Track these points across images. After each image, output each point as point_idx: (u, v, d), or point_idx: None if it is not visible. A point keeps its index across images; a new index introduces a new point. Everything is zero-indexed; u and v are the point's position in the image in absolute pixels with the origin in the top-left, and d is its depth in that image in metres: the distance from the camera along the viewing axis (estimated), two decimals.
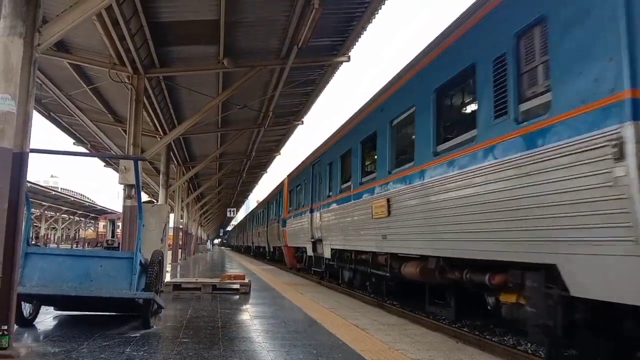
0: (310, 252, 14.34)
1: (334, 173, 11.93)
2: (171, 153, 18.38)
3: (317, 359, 4.48)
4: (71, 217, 60.22)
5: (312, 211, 13.93)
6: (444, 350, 5.01)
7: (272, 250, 25.51)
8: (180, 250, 25.09)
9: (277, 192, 23.17)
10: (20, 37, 4.35)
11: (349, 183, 10.55)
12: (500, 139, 5.08)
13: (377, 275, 9.26)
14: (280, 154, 24.37)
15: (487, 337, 6.32)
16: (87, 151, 19.84)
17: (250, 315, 7.11)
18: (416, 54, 7.70)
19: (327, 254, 12.16)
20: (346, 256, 11.10)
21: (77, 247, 50.75)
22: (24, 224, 4.77)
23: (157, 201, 17.07)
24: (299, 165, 17.56)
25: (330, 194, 12.05)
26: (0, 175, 4.18)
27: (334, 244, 11.60)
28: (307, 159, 16.09)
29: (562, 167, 4.15)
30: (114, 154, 16.01)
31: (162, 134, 15.19)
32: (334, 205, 11.49)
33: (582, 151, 3.93)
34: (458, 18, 6.31)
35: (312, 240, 13.76)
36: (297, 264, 18.14)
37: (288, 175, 19.85)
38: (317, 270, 14.15)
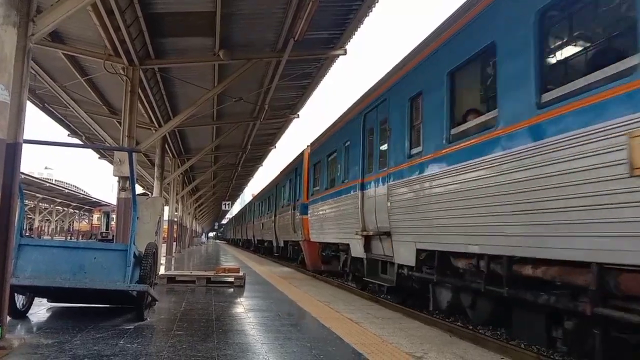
0: (358, 252, 9.71)
1: (426, 111, 7.03)
2: (166, 145, 18.30)
3: (311, 352, 4.49)
4: (65, 209, 59.95)
5: (363, 188, 9.49)
6: (437, 344, 5.03)
7: (281, 245, 20.32)
8: (174, 243, 25.06)
9: (292, 169, 18.12)
10: (14, 27, 4.31)
11: (480, 119, 5.83)
12: None
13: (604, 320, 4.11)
14: (275, 147, 24.38)
15: (480, 331, 6.36)
16: (81, 143, 19.76)
17: (244, 308, 7.12)
18: None
19: (408, 258, 7.34)
20: (464, 266, 6.19)
21: (71, 239, 50.62)
22: (17, 215, 4.74)
23: (152, 194, 17.02)
24: (335, 123, 12.38)
25: (415, 151, 7.29)
26: None
27: (425, 242, 6.88)
28: (349, 110, 11.14)
29: None
30: (108, 145, 15.96)
31: (157, 126, 15.13)
32: (431, 170, 6.67)
33: None
34: None
35: (364, 233, 9.17)
36: (322, 265, 13.70)
37: (310, 144, 15.26)
38: (376, 282, 8.86)
